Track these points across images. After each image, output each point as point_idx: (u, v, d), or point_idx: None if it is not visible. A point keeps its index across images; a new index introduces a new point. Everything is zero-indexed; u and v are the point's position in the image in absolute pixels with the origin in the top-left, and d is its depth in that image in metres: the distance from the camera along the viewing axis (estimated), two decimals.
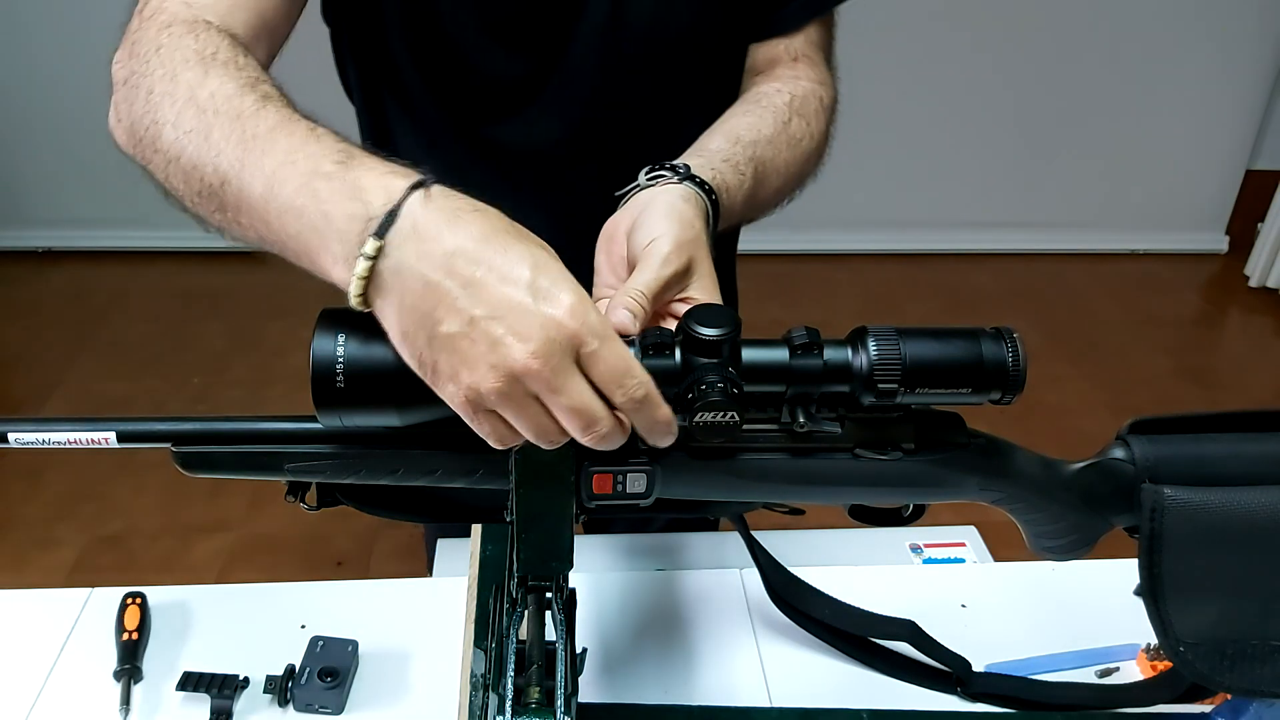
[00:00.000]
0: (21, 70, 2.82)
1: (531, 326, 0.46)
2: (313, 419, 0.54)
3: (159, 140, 0.58)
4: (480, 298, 0.46)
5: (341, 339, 0.51)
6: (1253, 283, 3.15)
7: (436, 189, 0.49)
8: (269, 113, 0.55)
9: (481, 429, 0.50)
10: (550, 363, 0.46)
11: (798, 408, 0.56)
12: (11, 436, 0.56)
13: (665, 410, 0.51)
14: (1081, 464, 0.63)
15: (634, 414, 0.50)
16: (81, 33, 2.72)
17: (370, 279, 0.48)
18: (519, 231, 0.49)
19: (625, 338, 0.51)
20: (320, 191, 0.50)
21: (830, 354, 0.55)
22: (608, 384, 0.48)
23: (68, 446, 0.56)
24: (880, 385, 0.54)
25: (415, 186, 0.49)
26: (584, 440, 0.50)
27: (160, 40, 0.62)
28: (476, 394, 0.48)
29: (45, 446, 0.56)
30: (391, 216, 0.48)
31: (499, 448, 0.51)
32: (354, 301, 0.49)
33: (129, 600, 0.84)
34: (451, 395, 0.49)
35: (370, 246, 0.47)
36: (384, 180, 0.49)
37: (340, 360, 0.50)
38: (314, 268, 0.52)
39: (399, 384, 0.51)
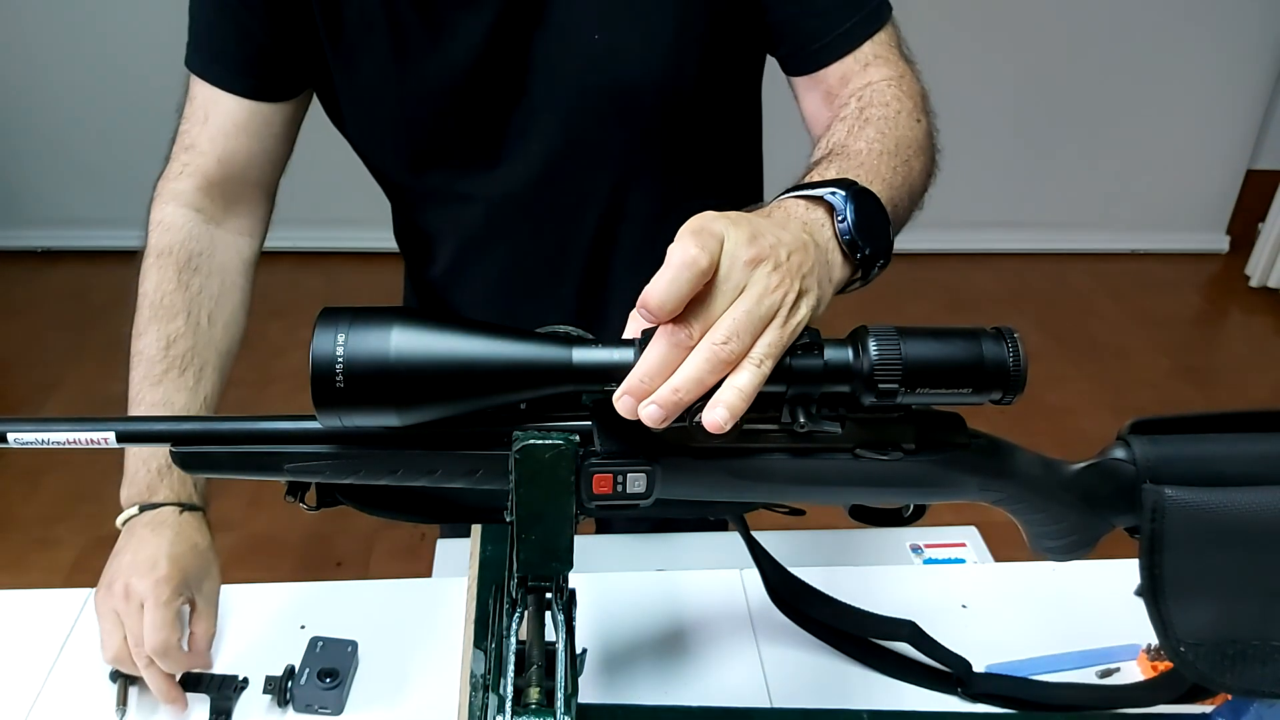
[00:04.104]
0: (22, 70, 2.82)
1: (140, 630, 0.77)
2: (312, 419, 0.54)
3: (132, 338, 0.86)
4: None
5: (341, 339, 0.51)
6: (1253, 283, 3.15)
7: (143, 519, 0.84)
8: (148, 394, 0.84)
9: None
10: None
11: (798, 408, 0.56)
12: (11, 436, 0.56)
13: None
14: (1082, 464, 0.63)
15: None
16: (82, 33, 2.72)
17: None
18: (170, 560, 0.82)
19: (628, 342, 0.52)
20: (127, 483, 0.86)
21: (830, 354, 0.54)
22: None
23: (67, 446, 0.56)
24: (881, 385, 0.54)
25: (131, 519, 0.84)
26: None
27: (149, 260, 0.86)
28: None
29: (45, 446, 0.56)
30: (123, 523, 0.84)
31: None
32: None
33: None
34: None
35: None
36: (127, 501, 0.85)
37: (340, 360, 0.50)
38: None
39: (399, 384, 0.51)
